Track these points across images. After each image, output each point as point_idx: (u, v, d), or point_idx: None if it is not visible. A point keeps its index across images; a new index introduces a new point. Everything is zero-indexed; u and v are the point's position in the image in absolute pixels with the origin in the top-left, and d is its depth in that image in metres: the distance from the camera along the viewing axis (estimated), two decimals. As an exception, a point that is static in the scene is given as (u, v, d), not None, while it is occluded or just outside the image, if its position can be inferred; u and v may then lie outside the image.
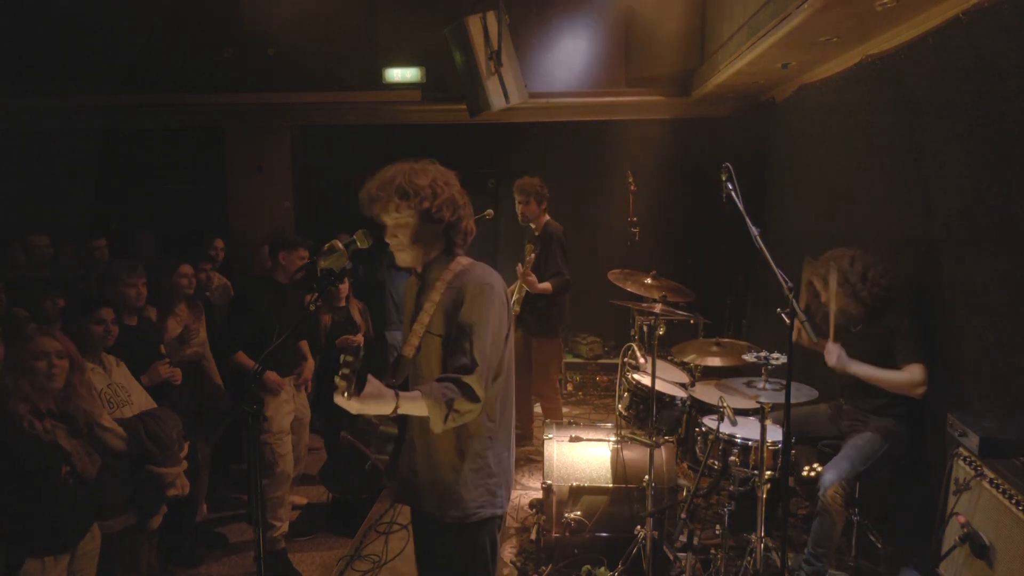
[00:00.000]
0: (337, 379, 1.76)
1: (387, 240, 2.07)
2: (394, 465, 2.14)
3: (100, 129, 6.50)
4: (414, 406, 1.89)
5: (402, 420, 2.08)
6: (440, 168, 2.09)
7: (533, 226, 4.88)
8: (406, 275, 5.78)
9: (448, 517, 2.06)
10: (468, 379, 1.92)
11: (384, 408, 1.85)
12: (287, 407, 3.94)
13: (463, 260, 2.09)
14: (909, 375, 3.07)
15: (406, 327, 2.20)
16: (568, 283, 4.73)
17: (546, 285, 4.62)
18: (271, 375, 3.78)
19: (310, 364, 4.24)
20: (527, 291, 4.67)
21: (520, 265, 4.64)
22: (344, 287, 4.71)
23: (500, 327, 2.00)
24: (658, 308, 3.46)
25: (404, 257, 2.07)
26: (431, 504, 2.09)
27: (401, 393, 1.88)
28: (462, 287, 1.99)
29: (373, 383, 1.83)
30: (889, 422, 3.20)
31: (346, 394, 1.77)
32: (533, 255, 4.65)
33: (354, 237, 2.05)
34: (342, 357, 1.78)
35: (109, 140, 6.57)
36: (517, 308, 4.83)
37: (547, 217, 4.87)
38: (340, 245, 1.99)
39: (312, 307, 1.94)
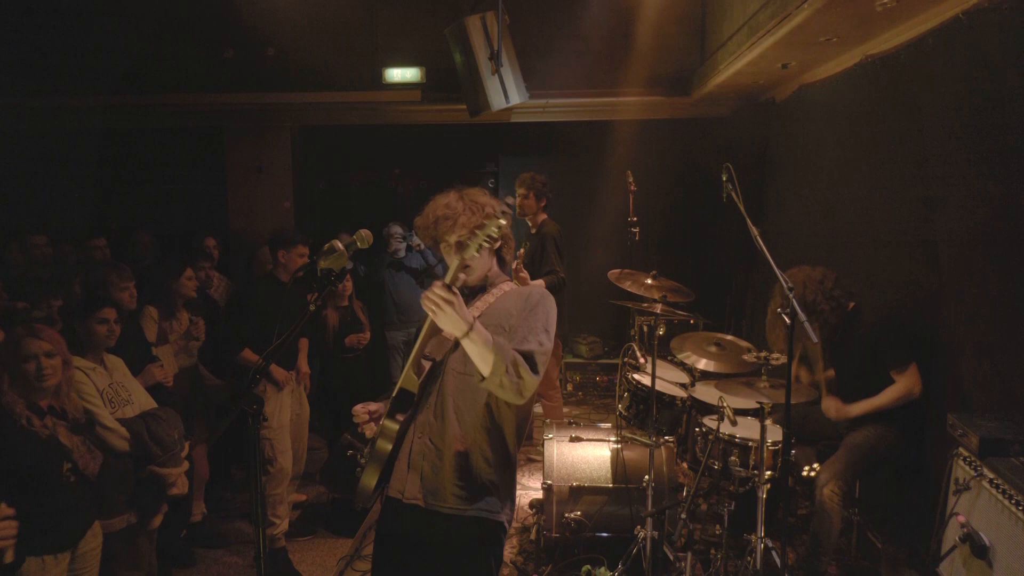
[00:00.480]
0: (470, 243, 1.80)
1: (465, 258, 1.98)
2: (378, 488, 2.05)
3: (100, 129, 6.51)
4: (482, 346, 1.83)
5: (399, 439, 2.05)
6: (484, 195, 2.09)
7: (530, 223, 4.88)
8: (406, 276, 5.80)
9: (470, 511, 1.99)
10: (535, 353, 1.91)
11: (458, 327, 1.81)
12: (287, 403, 3.95)
13: (504, 284, 2.13)
14: (903, 384, 3.08)
15: (423, 336, 2.13)
16: (562, 281, 4.70)
17: (538, 282, 4.61)
18: (277, 369, 3.79)
19: (302, 360, 4.25)
20: None
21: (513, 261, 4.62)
22: (347, 286, 4.73)
23: (552, 330, 2.00)
24: (658, 308, 3.46)
25: (470, 279, 2.09)
26: (452, 503, 2.00)
27: (478, 326, 1.85)
28: (524, 296, 2.03)
29: (457, 303, 1.79)
30: (886, 422, 3.20)
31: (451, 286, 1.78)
32: (522, 250, 4.64)
33: (354, 237, 2.05)
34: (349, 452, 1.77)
35: (109, 140, 6.57)
36: None
37: (544, 216, 4.86)
38: (340, 245, 1.99)
39: (312, 307, 1.94)
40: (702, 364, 3.59)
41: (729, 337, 3.77)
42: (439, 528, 2.01)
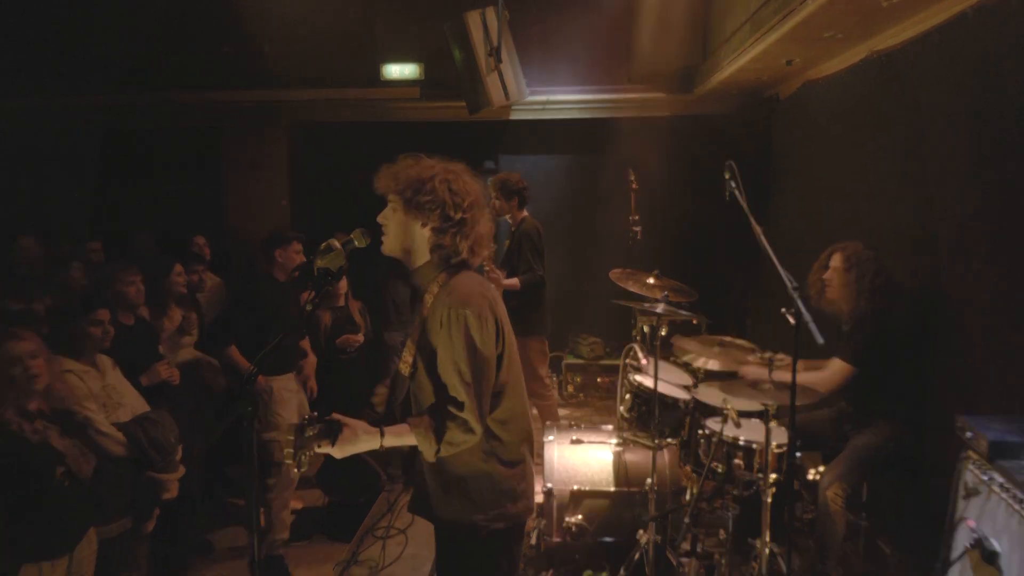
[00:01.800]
0: (285, 453, 1.77)
1: (377, 219, 2.06)
2: (410, 470, 2.13)
3: (96, 128, 6.50)
4: (402, 439, 1.90)
5: None
6: (460, 174, 2.06)
7: (510, 222, 4.86)
8: (405, 275, 5.78)
9: (463, 524, 2.01)
10: (461, 414, 1.90)
11: (369, 445, 1.88)
12: (294, 402, 3.93)
13: (443, 278, 2.05)
14: (830, 372, 3.10)
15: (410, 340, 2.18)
16: (539, 280, 4.66)
17: (512, 281, 4.58)
18: (259, 380, 3.79)
19: (311, 360, 4.24)
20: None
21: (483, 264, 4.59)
22: (342, 285, 4.70)
23: (485, 347, 1.94)
24: (660, 308, 3.45)
25: (384, 242, 2.07)
26: (445, 510, 2.05)
27: (387, 429, 1.89)
28: (438, 309, 1.95)
29: (348, 428, 1.86)
30: (891, 423, 3.19)
31: (297, 467, 1.77)
32: (487, 258, 4.61)
33: (351, 236, 2.04)
34: (284, 434, 1.77)
35: (105, 139, 6.57)
36: None
37: (524, 214, 4.82)
38: (337, 244, 1.98)
39: (309, 307, 1.93)
40: (707, 362, 3.58)
41: (733, 339, 3.75)
42: (437, 535, 2.07)
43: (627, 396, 3.66)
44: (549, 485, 3.48)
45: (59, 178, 6.51)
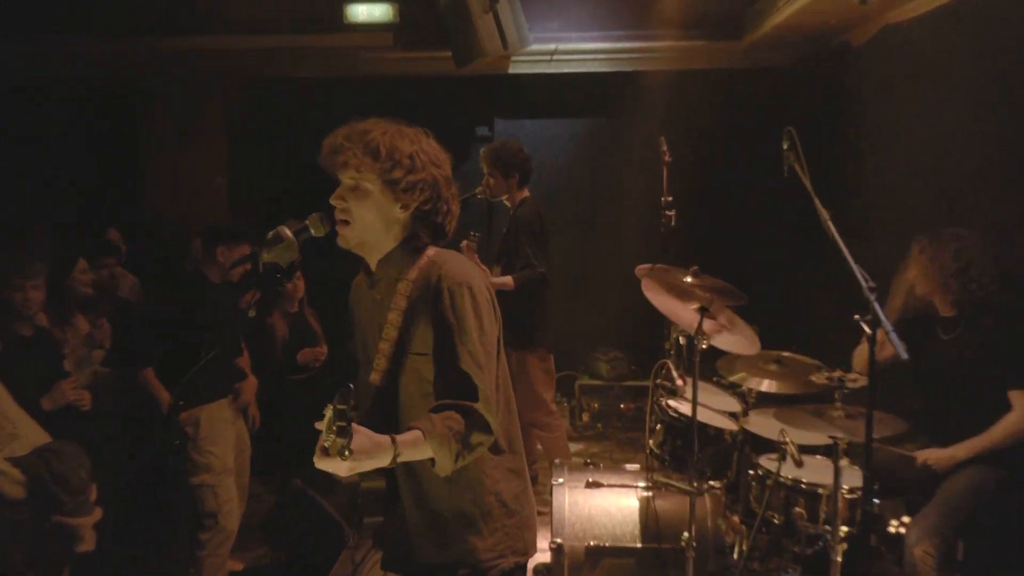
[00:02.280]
0: (330, 437, 1.74)
1: (332, 203, 2.07)
2: (385, 528, 2.13)
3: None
4: (417, 451, 1.89)
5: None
6: (434, 145, 2.12)
7: (508, 204, 4.86)
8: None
9: (460, 572, 2.07)
10: (476, 404, 1.94)
11: (381, 461, 1.84)
12: (230, 437, 3.94)
13: (430, 251, 2.11)
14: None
15: (361, 343, 2.20)
16: (540, 278, 4.64)
17: (504, 280, 4.56)
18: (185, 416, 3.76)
19: (251, 383, 4.24)
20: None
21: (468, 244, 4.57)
22: (299, 286, 4.72)
23: (491, 330, 2.04)
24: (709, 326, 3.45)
25: (348, 234, 2.06)
26: (433, 555, 2.08)
27: (398, 438, 1.87)
28: (432, 286, 2.02)
29: (362, 433, 1.81)
30: (994, 462, 3.20)
31: (342, 454, 1.75)
32: (476, 236, 4.60)
33: (306, 223, 2.05)
34: (331, 406, 1.74)
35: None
36: None
37: (525, 194, 4.81)
38: (288, 233, 1.99)
39: (251, 312, 1.94)
40: (760, 383, 3.58)
41: (793, 355, 3.76)
42: None
43: (658, 427, 3.67)
44: (558, 540, 3.48)
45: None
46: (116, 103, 6.60)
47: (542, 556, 4.23)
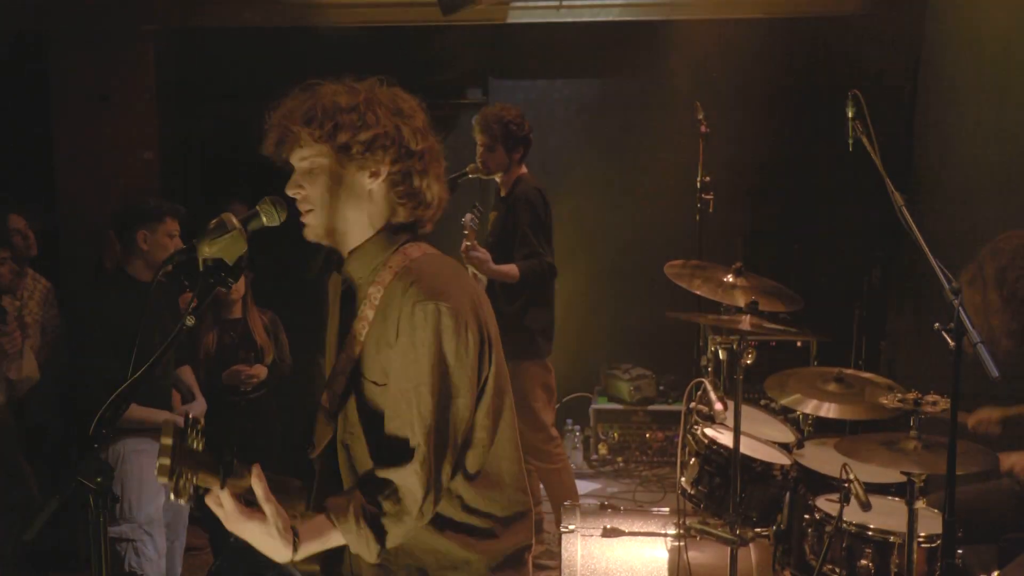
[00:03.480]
0: (158, 467, 1.74)
1: (288, 193, 2.07)
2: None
3: None
4: (324, 541, 1.89)
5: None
6: (395, 92, 2.09)
7: (500, 183, 4.87)
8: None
9: None
10: (402, 477, 1.91)
11: (277, 552, 1.84)
12: (158, 479, 3.93)
13: (412, 250, 2.08)
14: None
15: (328, 353, 2.20)
16: (547, 269, 4.66)
17: (508, 268, 4.57)
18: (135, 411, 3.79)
19: (199, 405, 4.26)
20: (486, 280, 4.63)
21: (464, 240, 4.59)
22: (237, 287, 4.70)
23: (457, 367, 1.97)
24: (745, 323, 3.46)
25: (312, 223, 2.07)
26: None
27: (301, 530, 1.86)
28: (397, 305, 1.98)
29: (261, 514, 1.83)
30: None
31: (175, 493, 1.76)
32: (478, 210, 4.60)
33: (257, 209, 2.05)
34: (163, 436, 1.75)
35: None
36: None
37: (523, 170, 4.83)
38: (234, 220, 1.99)
39: (190, 320, 1.94)
40: (819, 408, 3.59)
41: (858, 372, 3.76)
42: None
43: (692, 461, 3.68)
44: (569, 601, 3.49)
45: None
46: (19, 56, 6.59)
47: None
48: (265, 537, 1.83)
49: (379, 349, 2.01)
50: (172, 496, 1.77)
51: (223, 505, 1.83)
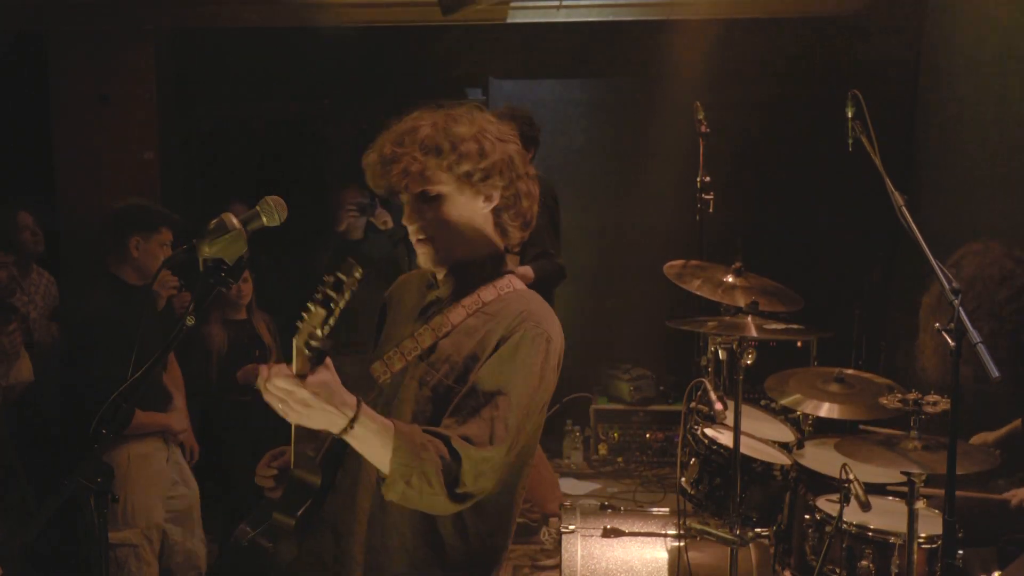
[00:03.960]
0: (311, 310, 1.78)
1: (406, 224, 2.13)
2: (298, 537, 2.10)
3: None
4: (376, 439, 1.89)
5: (328, 471, 2.08)
6: (492, 118, 2.18)
7: None
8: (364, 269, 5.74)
9: None
10: (472, 455, 1.95)
11: (333, 418, 1.84)
12: (159, 482, 3.95)
13: (516, 281, 2.22)
14: None
15: (387, 342, 2.23)
16: (559, 270, 4.69)
17: (524, 270, 4.60)
18: (141, 417, 3.79)
19: (179, 410, 4.26)
20: None
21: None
22: (245, 288, 4.72)
23: (543, 397, 2.11)
24: (746, 323, 3.46)
25: (434, 254, 2.14)
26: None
27: (366, 409, 1.88)
28: (506, 322, 2.08)
29: (331, 370, 1.83)
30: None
31: (299, 363, 1.77)
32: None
33: (258, 209, 2.05)
34: (331, 277, 1.79)
35: None
36: None
37: (532, 169, 4.86)
38: (235, 222, 1.99)
39: (190, 320, 1.94)
40: (819, 407, 3.59)
41: (859, 372, 3.76)
42: None
43: (692, 461, 3.68)
44: (569, 602, 3.50)
45: None
46: (18, 56, 6.59)
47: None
48: (326, 398, 1.81)
49: (454, 353, 2.09)
50: (304, 344, 1.78)
51: (288, 385, 1.81)
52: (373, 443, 1.89)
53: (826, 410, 3.62)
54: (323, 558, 2.15)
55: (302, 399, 1.80)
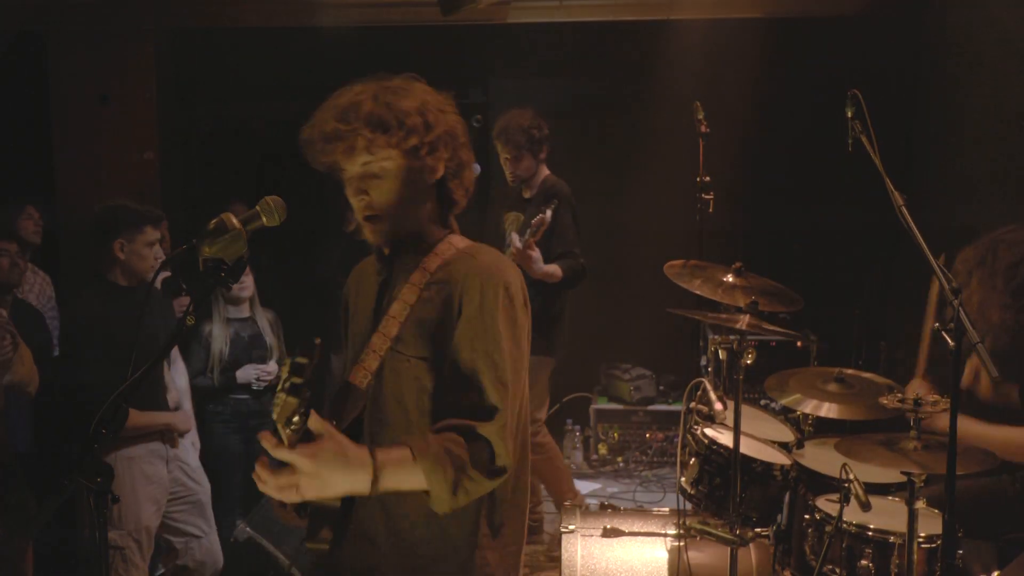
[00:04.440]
0: (282, 400, 1.70)
1: (352, 200, 2.11)
2: (334, 557, 2.11)
3: None
4: (403, 473, 1.88)
5: None
6: (428, 88, 2.18)
7: (523, 185, 4.91)
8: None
9: None
10: (487, 428, 1.95)
11: (355, 480, 1.83)
12: (152, 484, 3.95)
13: (457, 240, 2.17)
14: None
15: (354, 338, 2.22)
16: (583, 270, 4.74)
17: (551, 268, 4.63)
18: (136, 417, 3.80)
19: (186, 419, 4.26)
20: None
21: (515, 236, 4.64)
22: (248, 284, 4.73)
23: (524, 345, 2.10)
24: (744, 322, 3.46)
25: (381, 228, 2.11)
26: None
27: (381, 452, 1.87)
28: (459, 283, 2.05)
29: (333, 438, 1.82)
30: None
31: (288, 438, 1.73)
32: (545, 221, 4.66)
33: (258, 209, 2.05)
34: (289, 362, 1.71)
35: None
36: None
37: (546, 171, 4.88)
38: (235, 221, 1.99)
39: (190, 319, 1.94)
40: (819, 407, 3.59)
41: (859, 372, 3.76)
42: None
43: (692, 461, 3.68)
44: (569, 601, 3.50)
45: None
46: (18, 56, 6.58)
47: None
48: (341, 466, 1.81)
49: (424, 326, 2.06)
50: (284, 428, 1.72)
51: (291, 459, 1.78)
52: (404, 482, 1.90)
53: (826, 410, 3.62)
54: (356, 565, 2.11)
55: (314, 487, 1.80)
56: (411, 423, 2.05)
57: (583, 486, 6.20)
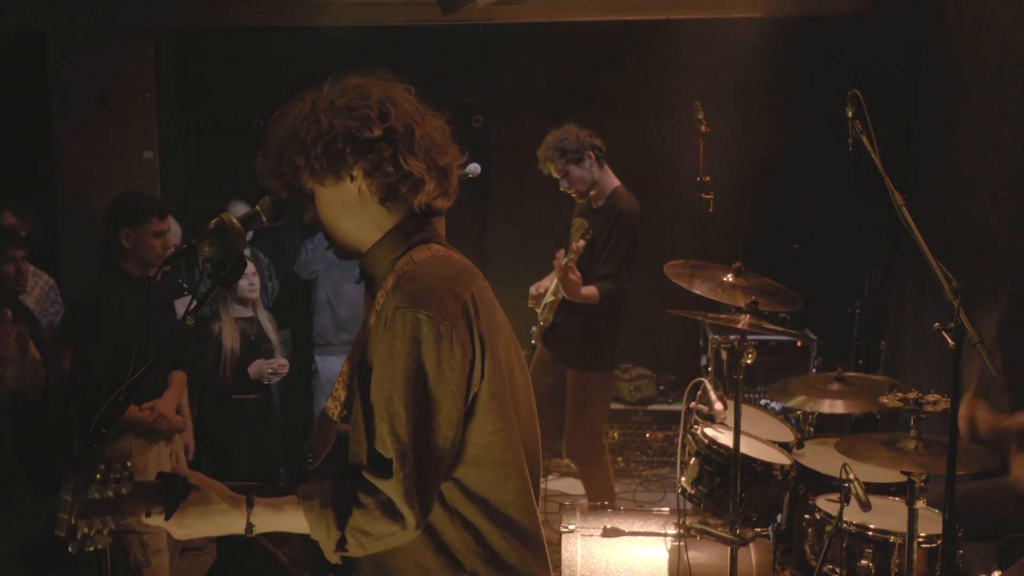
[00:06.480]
0: (83, 524, 1.72)
1: (308, 222, 2.09)
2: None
3: None
4: (283, 519, 1.88)
5: None
6: (334, 89, 2.03)
7: (594, 193, 4.88)
8: (355, 271, 5.75)
9: None
10: (386, 486, 1.84)
11: (229, 526, 1.85)
12: (162, 468, 3.94)
13: (419, 253, 1.99)
14: None
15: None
16: (624, 293, 4.71)
17: (590, 292, 4.60)
18: (134, 413, 3.83)
19: (166, 401, 4.27)
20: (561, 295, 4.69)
21: (562, 252, 4.62)
22: (256, 282, 4.74)
23: (437, 382, 1.86)
24: (745, 322, 3.46)
25: (335, 244, 2.08)
26: None
27: (259, 501, 1.86)
28: (385, 313, 1.89)
29: (198, 492, 1.84)
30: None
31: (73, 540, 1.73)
32: (583, 240, 4.63)
33: (257, 208, 2.05)
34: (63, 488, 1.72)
35: None
36: (549, 316, 4.86)
37: (615, 182, 4.87)
38: (235, 221, 1.99)
39: (190, 320, 1.94)
40: (819, 405, 3.59)
41: (854, 375, 3.77)
42: None
43: (692, 461, 3.68)
44: (569, 601, 3.50)
45: None
46: (19, 55, 6.58)
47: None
48: (214, 511, 1.85)
49: (367, 364, 1.94)
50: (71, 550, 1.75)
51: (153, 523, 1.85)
52: (286, 524, 1.89)
53: (829, 406, 3.63)
54: None
55: (183, 533, 1.86)
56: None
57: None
